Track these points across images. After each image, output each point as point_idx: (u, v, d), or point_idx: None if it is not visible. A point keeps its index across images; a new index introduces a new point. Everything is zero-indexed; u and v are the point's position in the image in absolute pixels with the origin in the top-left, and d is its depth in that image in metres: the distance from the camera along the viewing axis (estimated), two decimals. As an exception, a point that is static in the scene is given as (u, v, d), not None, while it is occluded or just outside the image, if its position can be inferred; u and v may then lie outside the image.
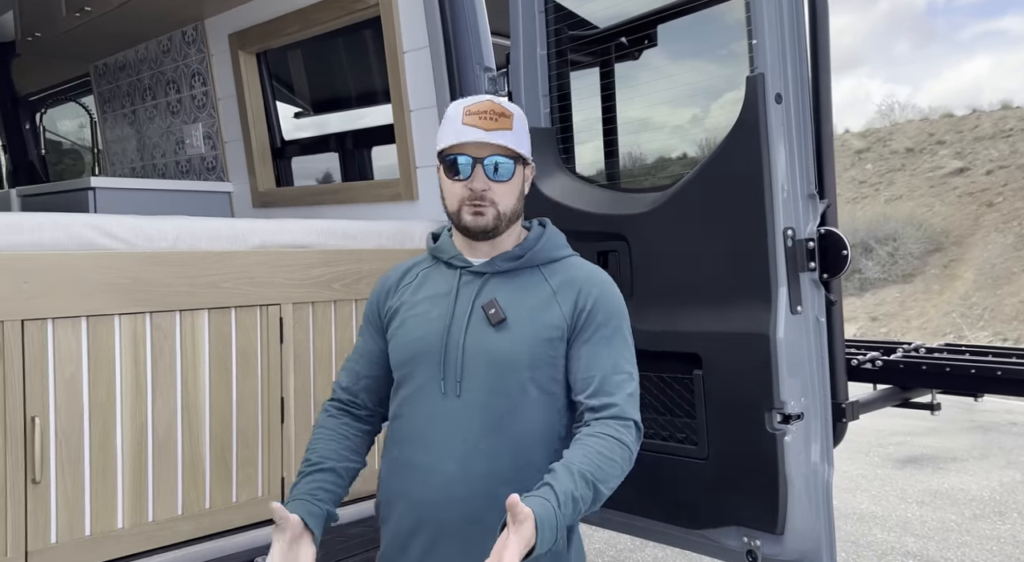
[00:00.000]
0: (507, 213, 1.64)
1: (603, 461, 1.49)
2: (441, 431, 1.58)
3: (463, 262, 1.68)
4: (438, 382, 1.60)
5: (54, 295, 1.89)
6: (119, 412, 2.01)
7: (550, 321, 1.60)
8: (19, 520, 1.86)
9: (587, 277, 1.68)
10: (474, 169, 1.60)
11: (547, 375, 1.59)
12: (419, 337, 1.64)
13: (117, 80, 4.51)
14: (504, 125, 1.61)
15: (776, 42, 1.93)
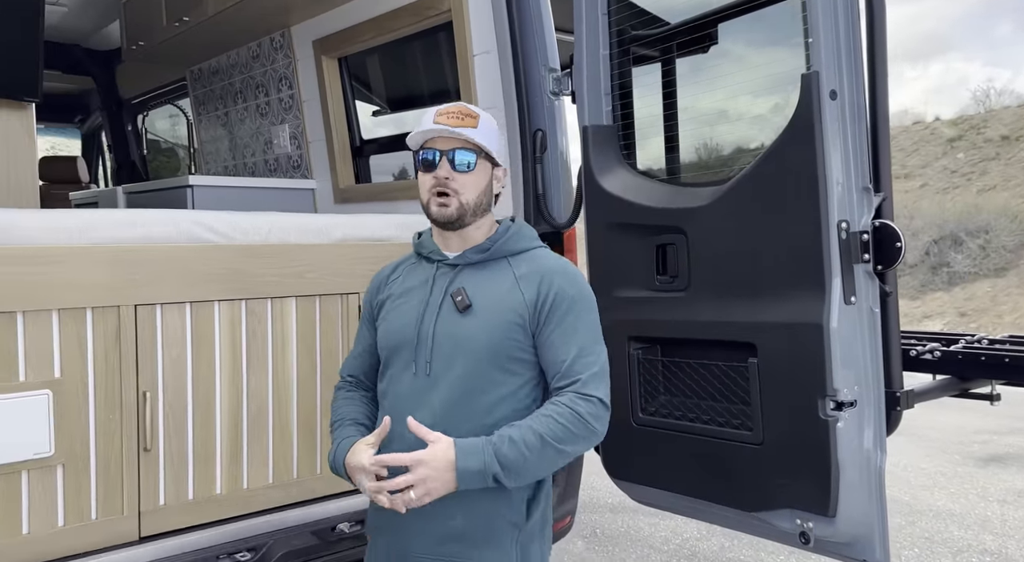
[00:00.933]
0: (470, 203, 1.79)
1: (552, 422, 1.65)
2: (412, 406, 1.74)
3: (440, 256, 1.84)
4: (411, 363, 1.77)
5: (162, 283, 2.11)
6: (218, 389, 2.22)
7: (512, 307, 1.75)
8: (133, 484, 2.09)
9: (550, 267, 1.81)
10: (440, 160, 1.77)
11: (508, 356, 1.74)
12: (398, 327, 1.81)
13: (211, 84, 4.81)
14: (469, 124, 1.77)
15: (831, 40, 1.99)
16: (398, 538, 1.77)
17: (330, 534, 2.26)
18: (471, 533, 1.72)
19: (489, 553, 1.72)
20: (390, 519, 1.75)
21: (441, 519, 1.72)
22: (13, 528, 1.91)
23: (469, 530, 1.72)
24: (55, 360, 1.96)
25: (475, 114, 1.80)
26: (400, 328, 1.81)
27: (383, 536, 1.82)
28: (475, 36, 2.90)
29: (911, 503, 5.29)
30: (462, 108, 1.80)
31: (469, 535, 1.72)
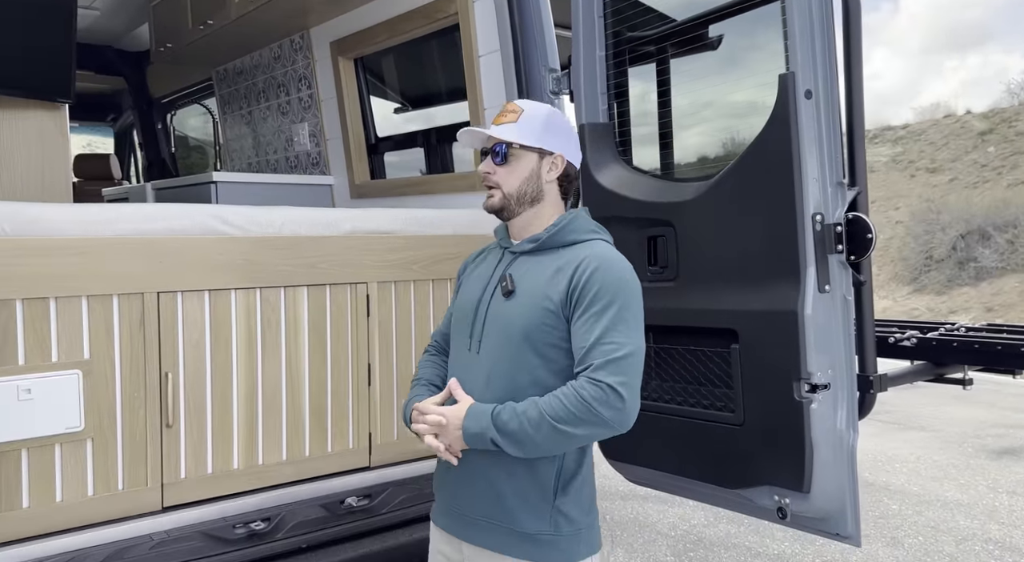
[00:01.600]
0: (512, 194, 1.90)
1: (555, 401, 1.73)
2: (465, 377, 1.92)
3: (507, 244, 1.99)
4: (467, 339, 1.94)
5: (183, 272, 2.28)
6: (235, 371, 2.39)
7: (547, 293, 1.84)
8: (156, 458, 2.26)
9: (588, 256, 1.84)
10: (484, 158, 1.95)
11: (543, 341, 1.83)
12: (462, 304, 2.00)
13: (235, 84, 5.00)
14: (509, 119, 1.92)
15: (807, 43, 2.10)
16: (454, 499, 1.93)
17: (339, 507, 2.42)
18: (511, 500, 1.84)
19: (523, 521, 1.83)
20: (445, 479, 1.95)
21: (487, 484, 1.86)
22: (47, 496, 2.09)
23: (510, 497, 1.84)
24: (85, 342, 2.13)
25: (518, 109, 1.94)
26: (463, 305, 1.99)
27: (443, 490, 1.99)
28: (480, 38, 3.04)
29: (920, 494, 5.35)
30: (508, 105, 1.97)
31: (506, 503, 1.84)
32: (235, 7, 3.92)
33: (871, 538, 4.60)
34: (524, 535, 1.83)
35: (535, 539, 1.83)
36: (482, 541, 1.87)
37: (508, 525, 1.84)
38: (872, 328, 2.20)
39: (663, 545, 4.51)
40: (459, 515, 1.91)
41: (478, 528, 1.88)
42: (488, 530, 1.86)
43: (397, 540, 2.45)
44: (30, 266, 2.03)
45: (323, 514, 2.38)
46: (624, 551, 4.44)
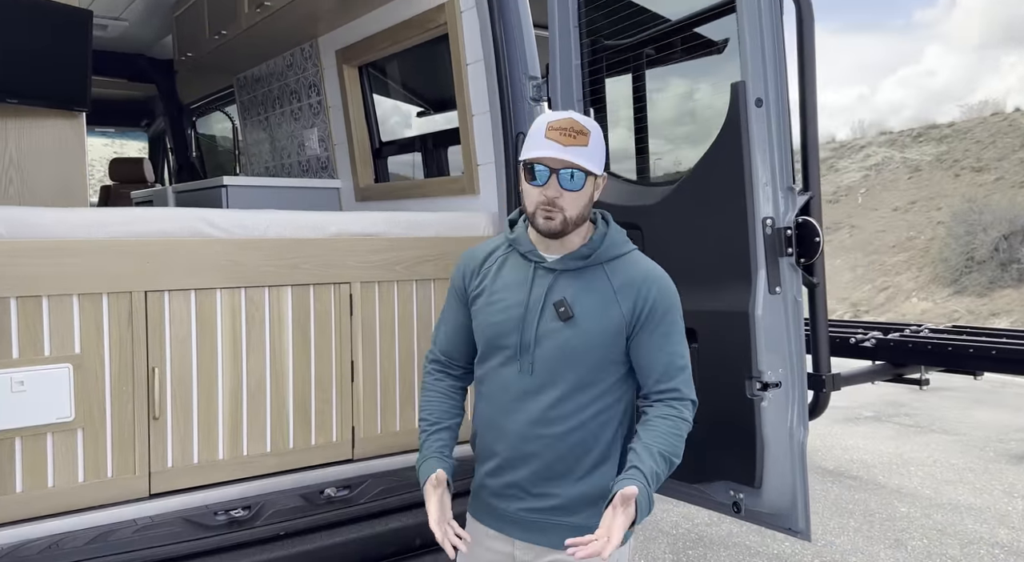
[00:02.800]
0: (574, 218, 1.86)
1: (673, 438, 1.83)
2: (517, 399, 1.91)
3: (537, 257, 1.92)
4: (515, 361, 1.91)
5: (170, 272, 2.42)
6: (220, 367, 2.53)
7: (611, 318, 1.87)
8: (144, 448, 2.41)
9: (644, 276, 1.91)
10: (549, 178, 1.82)
11: (607, 359, 1.88)
12: (501, 321, 1.93)
13: (254, 90, 5.19)
14: (581, 142, 1.80)
15: (757, 53, 2.16)
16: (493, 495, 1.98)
17: (318, 497, 2.54)
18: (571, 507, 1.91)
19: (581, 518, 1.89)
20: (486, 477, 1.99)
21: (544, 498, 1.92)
22: (40, 481, 2.25)
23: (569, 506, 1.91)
24: (75, 338, 2.28)
25: (586, 131, 1.81)
26: (501, 323, 1.92)
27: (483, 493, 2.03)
28: (467, 47, 3.14)
29: (932, 497, 5.31)
30: (574, 124, 1.81)
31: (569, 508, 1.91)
32: (245, 18, 4.09)
33: (874, 539, 4.59)
34: (584, 528, 1.86)
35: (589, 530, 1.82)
36: (538, 539, 1.94)
37: (569, 523, 1.90)
38: (825, 328, 2.25)
39: (662, 543, 4.56)
40: (509, 516, 1.96)
41: (534, 529, 1.94)
42: (544, 530, 1.92)
43: (373, 529, 2.56)
44: (24, 266, 2.19)
45: (301, 503, 2.50)
46: (623, 548, 4.51)
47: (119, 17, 5.46)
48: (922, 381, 2.42)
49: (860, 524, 4.86)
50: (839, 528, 4.79)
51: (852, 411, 8.06)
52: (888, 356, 2.40)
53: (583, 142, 1.81)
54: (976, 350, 2.17)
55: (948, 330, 2.48)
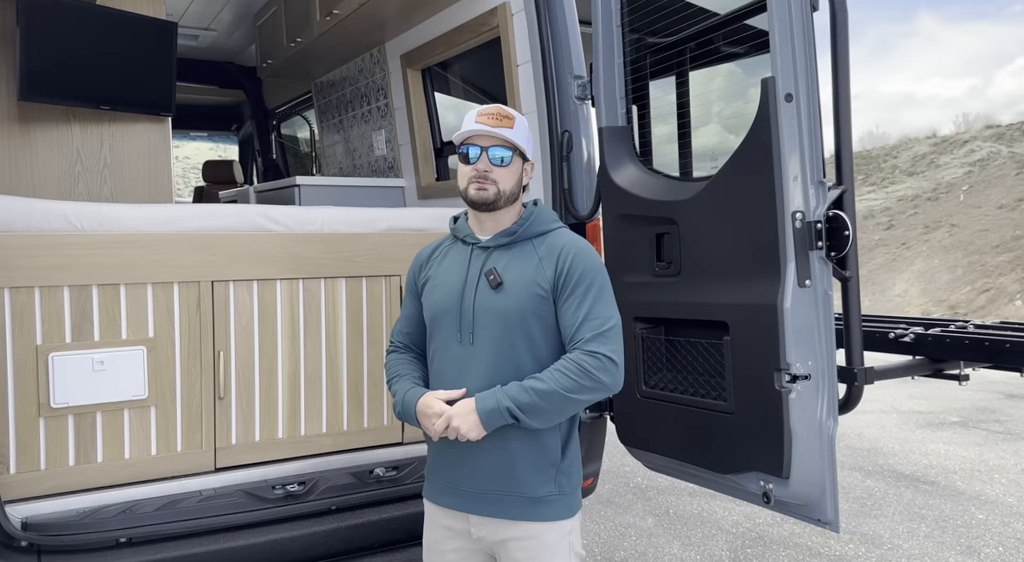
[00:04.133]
0: (506, 191, 2.07)
1: (555, 372, 1.96)
2: (461, 370, 2.07)
3: (474, 239, 2.13)
4: (456, 333, 2.09)
5: (234, 264, 2.62)
6: (279, 352, 2.71)
7: (536, 281, 2.04)
8: (210, 425, 2.62)
9: (565, 244, 2.08)
10: (480, 155, 2.06)
11: (536, 324, 2.04)
12: (443, 298, 2.12)
13: (329, 95, 5.43)
14: (507, 124, 2.05)
15: (787, 48, 2.19)
16: (455, 478, 2.10)
17: (367, 476, 2.69)
18: (519, 474, 2.04)
19: (533, 487, 2.04)
20: (442, 462, 2.12)
21: (495, 459, 2.04)
22: (117, 453, 2.48)
23: (520, 467, 2.04)
24: (149, 323, 2.51)
25: (511, 116, 2.08)
26: (443, 301, 2.11)
27: (440, 473, 2.14)
28: (518, 48, 3.25)
29: (1014, 505, 5.10)
30: (500, 109, 2.08)
31: (517, 475, 2.04)
32: (317, 25, 4.31)
33: (946, 546, 4.47)
34: (533, 499, 2.04)
35: (543, 501, 2.05)
36: (491, 511, 2.06)
37: (518, 492, 2.04)
38: (858, 322, 2.25)
39: (721, 540, 4.55)
40: (462, 492, 2.09)
41: (486, 500, 2.06)
42: (497, 500, 2.05)
43: (417, 508, 2.69)
44: (105, 257, 2.42)
45: (352, 480, 2.65)
46: (680, 544, 4.52)
47: (208, 27, 5.81)
48: (961, 377, 2.38)
49: (931, 530, 4.72)
50: (908, 533, 4.68)
51: (937, 416, 7.77)
52: (927, 351, 2.37)
53: (509, 125, 2.06)
54: (1012, 345, 2.13)
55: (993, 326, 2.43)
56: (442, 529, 2.15)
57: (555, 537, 2.05)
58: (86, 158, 3.84)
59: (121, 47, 3.74)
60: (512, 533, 2.04)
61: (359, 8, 3.85)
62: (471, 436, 1.98)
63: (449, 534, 2.14)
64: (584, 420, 2.97)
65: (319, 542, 2.54)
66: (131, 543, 2.31)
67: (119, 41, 3.73)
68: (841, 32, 2.20)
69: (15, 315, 2.31)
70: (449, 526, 2.13)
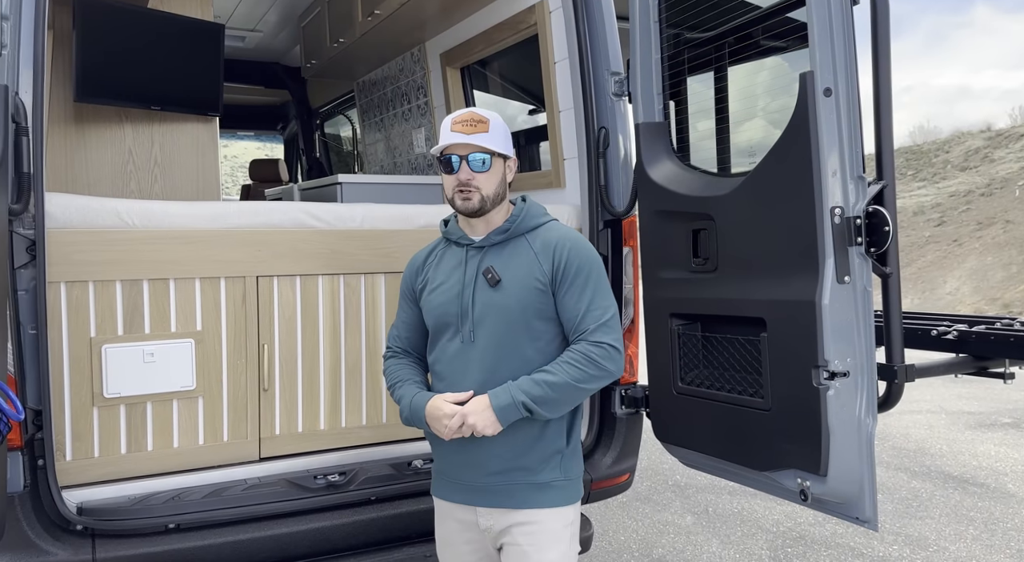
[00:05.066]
0: (490, 195, 2.13)
1: (563, 364, 2.04)
2: (464, 368, 2.12)
3: (467, 241, 2.18)
4: (458, 333, 2.13)
5: (278, 260, 2.69)
6: (321, 346, 2.78)
7: (534, 276, 2.10)
8: (255, 416, 2.69)
9: (559, 238, 2.15)
10: (460, 164, 2.12)
11: (537, 318, 2.11)
12: (443, 301, 2.17)
13: (371, 94, 5.51)
14: (481, 129, 2.10)
15: (826, 42, 2.17)
16: (462, 474, 2.17)
17: (406, 468, 2.74)
18: (526, 464, 2.12)
19: (539, 473, 2.12)
20: (450, 460, 2.18)
21: (503, 450, 2.10)
22: (167, 442, 2.56)
23: (525, 462, 2.11)
24: (197, 316, 2.58)
25: (485, 119, 2.12)
26: (443, 304, 2.17)
27: (448, 471, 2.22)
28: (555, 45, 3.27)
29: (1064, 508, 4.97)
30: (472, 115, 2.13)
31: (525, 465, 2.12)
32: (359, 26, 4.38)
33: (994, 549, 4.37)
34: (541, 485, 2.12)
35: (549, 486, 2.13)
36: (498, 502, 2.14)
37: (525, 480, 2.11)
38: (899, 319, 2.22)
39: (761, 539, 4.52)
40: (470, 487, 2.15)
41: (493, 492, 2.13)
42: (503, 491, 2.12)
43: (456, 500, 2.74)
44: (155, 253, 2.50)
45: (391, 471, 2.70)
46: (719, 542, 4.50)
47: (255, 28, 5.93)
48: (1006, 374, 2.33)
49: (980, 532, 4.63)
50: (955, 535, 4.59)
51: (988, 417, 7.59)
52: (971, 349, 2.34)
53: (483, 129, 2.11)
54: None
55: (1043, 322, 2.39)
56: (454, 522, 2.23)
57: (560, 525, 2.13)
58: (137, 157, 3.96)
59: (171, 49, 3.85)
60: (517, 519, 2.11)
61: (399, 8, 3.90)
62: (487, 432, 2.04)
63: (461, 527, 2.21)
64: (620, 416, 2.98)
65: (359, 531, 2.60)
66: (179, 529, 2.39)
67: (169, 43, 3.84)
68: (882, 25, 2.18)
69: (70, 308, 2.40)
70: (460, 519, 2.21)
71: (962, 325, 2.46)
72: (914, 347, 2.52)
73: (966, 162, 24.99)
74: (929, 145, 27.77)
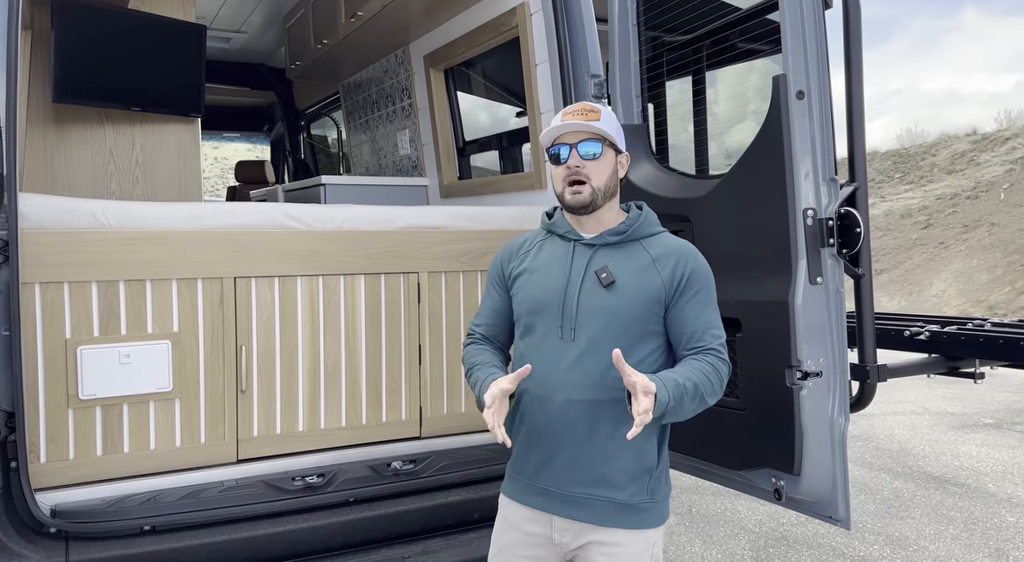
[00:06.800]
0: (601, 188, 1.97)
1: (700, 374, 1.87)
2: (559, 367, 1.96)
3: (576, 236, 2.03)
4: (557, 329, 1.98)
5: (256, 261, 2.68)
6: (300, 347, 2.77)
7: (651, 284, 1.95)
8: (232, 417, 2.68)
9: (681, 249, 2.01)
10: (571, 152, 1.97)
11: (646, 326, 1.96)
12: (540, 294, 2.01)
13: (356, 95, 5.51)
14: (592, 117, 1.96)
15: (798, 46, 2.19)
16: (540, 477, 2.00)
17: (385, 469, 2.74)
18: (613, 478, 1.95)
19: (627, 493, 1.95)
20: (529, 458, 2.02)
21: (590, 461, 1.95)
22: (143, 444, 2.56)
23: (617, 472, 1.95)
24: (174, 318, 2.58)
25: (596, 109, 1.99)
26: (542, 296, 2.00)
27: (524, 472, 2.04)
28: (536, 48, 3.28)
29: (1044, 508, 5.01)
30: (584, 105, 2.00)
31: (611, 479, 1.95)
32: (342, 27, 4.38)
33: (974, 548, 4.40)
34: (626, 505, 1.95)
35: (636, 507, 1.96)
36: (579, 515, 1.97)
37: (611, 497, 1.94)
38: (871, 319, 2.25)
39: (743, 539, 4.54)
40: (550, 493, 1.99)
41: (574, 503, 1.97)
42: (586, 504, 1.96)
43: (434, 501, 2.74)
44: (131, 254, 2.50)
45: (369, 473, 2.70)
46: (702, 543, 4.52)
47: (240, 30, 5.92)
48: (976, 374, 2.36)
49: (960, 532, 4.66)
50: (935, 534, 4.62)
51: (970, 417, 7.64)
52: (942, 349, 2.36)
53: (595, 117, 1.97)
54: (1026, 341, 2.12)
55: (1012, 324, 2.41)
56: (520, 534, 2.06)
57: (640, 548, 1.97)
58: (118, 158, 3.95)
59: (151, 50, 3.84)
60: (596, 537, 1.96)
61: (382, 10, 3.90)
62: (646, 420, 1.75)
63: (527, 539, 2.04)
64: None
65: (337, 533, 2.59)
66: (155, 531, 2.38)
67: (150, 44, 3.83)
68: (854, 29, 2.20)
69: (45, 309, 2.39)
70: (529, 531, 2.04)
71: (934, 326, 2.48)
72: (887, 347, 2.54)
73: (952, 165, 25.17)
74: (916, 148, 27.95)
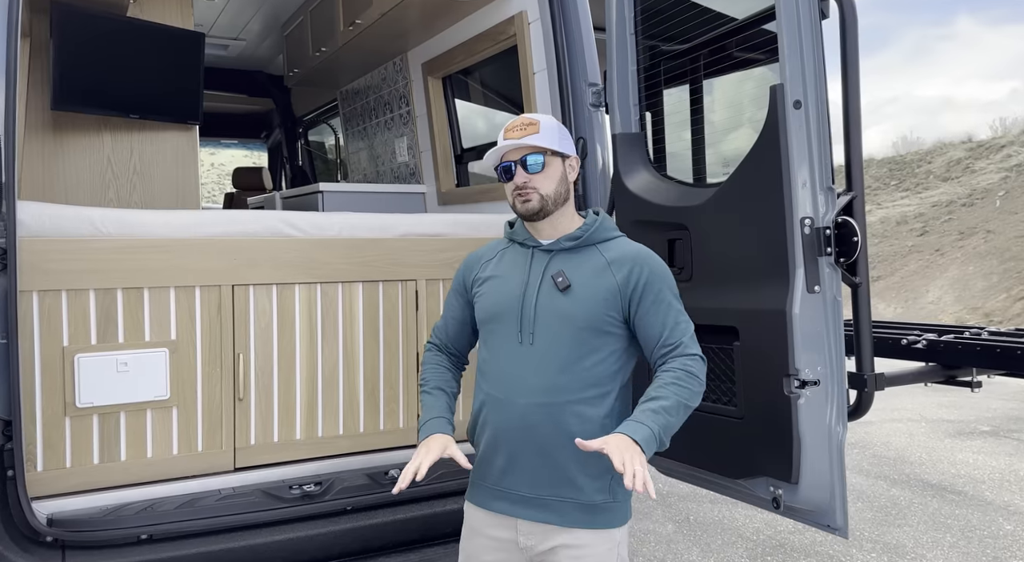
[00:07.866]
0: (551, 195, 2.04)
1: (674, 387, 1.92)
2: (519, 372, 2.01)
3: (534, 242, 2.10)
4: (516, 334, 2.03)
5: (255, 268, 2.68)
6: (298, 355, 2.77)
7: (605, 287, 2.01)
8: (230, 426, 2.68)
9: (636, 253, 2.05)
10: (516, 168, 2.05)
11: (601, 328, 2.00)
12: (500, 301, 2.08)
13: (354, 103, 5.52)
14: (531, 131, 2.04)
15: (796, 55, 2.20)
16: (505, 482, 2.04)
17: (382, 477, 2.74)
18: (575, 479, 1.98)
19: (588, 493, 1.98)
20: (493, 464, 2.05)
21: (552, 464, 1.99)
22: (140, 452, 2.55)
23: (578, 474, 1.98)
24: (172, 326, 2.58)
25: (535, 121, 2.06)
26: (501, 303, 2.07)
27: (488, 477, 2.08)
28: (534, 57, 3.29)
29: (1041, 516, 5.01)
30: (523, 120, 2.07)
31: (574, 481, 1.98)
32: (341, 35, 4.39)
33: (971, 556, 4.40)
34: (589, 506, 1.99)
35: (598, 507, 2.00)
36: (543, 517, 2.00)
37: (574, 498, 1.98)
38: (869, 328, 2.25)
39: (741, 547, 4.53)
40: (513, 497, 2.03)
41: (538, 506, 2.00)
42: (549, 506, 1.99)
43: (432, 509, 2.74)
44: (129, 262, 2.50)
45: (367, 481, 2.70)
46: (700, 551, 4.51)
47: (238, 37, 5.93)
48: (973, 383, 2.36)
49: (957, 540, 4.66)
50: (932, 542, 4.62)
51: (967, 425, 7.65)
52: (939, 358, 2.36)
53: (533, 131, 2.05)
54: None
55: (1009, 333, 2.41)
56: (485, 539, 2.10)
57: (605, 548, 2.00)
58: (116, 165, 3.95)
59: (150, 57, 3.84)
60: (562, 540, 1.99)
61: (381, 18, 3.92)
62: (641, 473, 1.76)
63: (493, 544, 2.08)
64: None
65: (334, 541, 2.59)
66: (152, 540, 2.38)
67: (148, 51, 3.83)
68: (851, 39, 2.21)
69: (43, 317, 2.39)
70: (494, 537, 2.08)
71: (931, 335, 2.49)
72: (884, 356, 2.54)
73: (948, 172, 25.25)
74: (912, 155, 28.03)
